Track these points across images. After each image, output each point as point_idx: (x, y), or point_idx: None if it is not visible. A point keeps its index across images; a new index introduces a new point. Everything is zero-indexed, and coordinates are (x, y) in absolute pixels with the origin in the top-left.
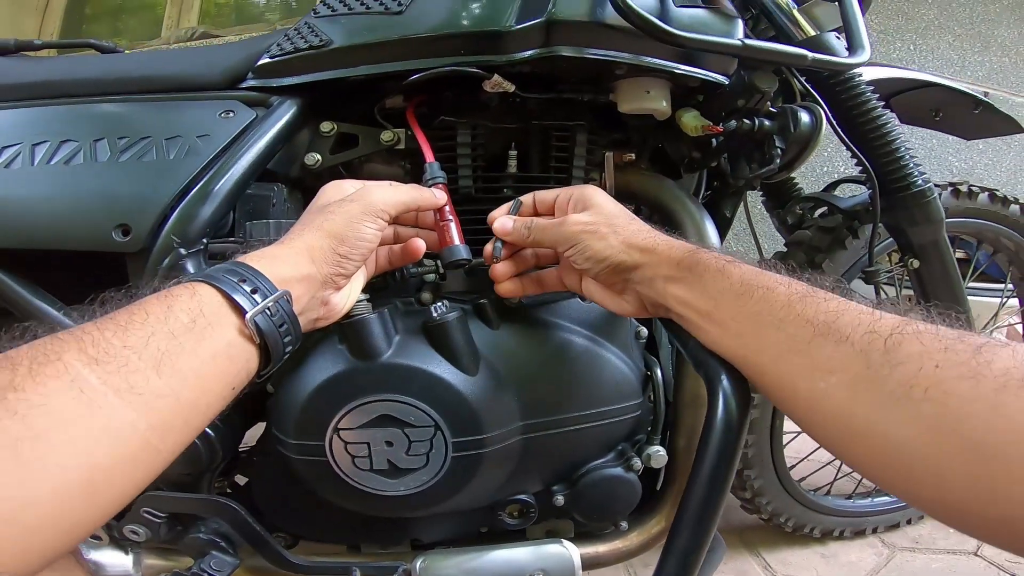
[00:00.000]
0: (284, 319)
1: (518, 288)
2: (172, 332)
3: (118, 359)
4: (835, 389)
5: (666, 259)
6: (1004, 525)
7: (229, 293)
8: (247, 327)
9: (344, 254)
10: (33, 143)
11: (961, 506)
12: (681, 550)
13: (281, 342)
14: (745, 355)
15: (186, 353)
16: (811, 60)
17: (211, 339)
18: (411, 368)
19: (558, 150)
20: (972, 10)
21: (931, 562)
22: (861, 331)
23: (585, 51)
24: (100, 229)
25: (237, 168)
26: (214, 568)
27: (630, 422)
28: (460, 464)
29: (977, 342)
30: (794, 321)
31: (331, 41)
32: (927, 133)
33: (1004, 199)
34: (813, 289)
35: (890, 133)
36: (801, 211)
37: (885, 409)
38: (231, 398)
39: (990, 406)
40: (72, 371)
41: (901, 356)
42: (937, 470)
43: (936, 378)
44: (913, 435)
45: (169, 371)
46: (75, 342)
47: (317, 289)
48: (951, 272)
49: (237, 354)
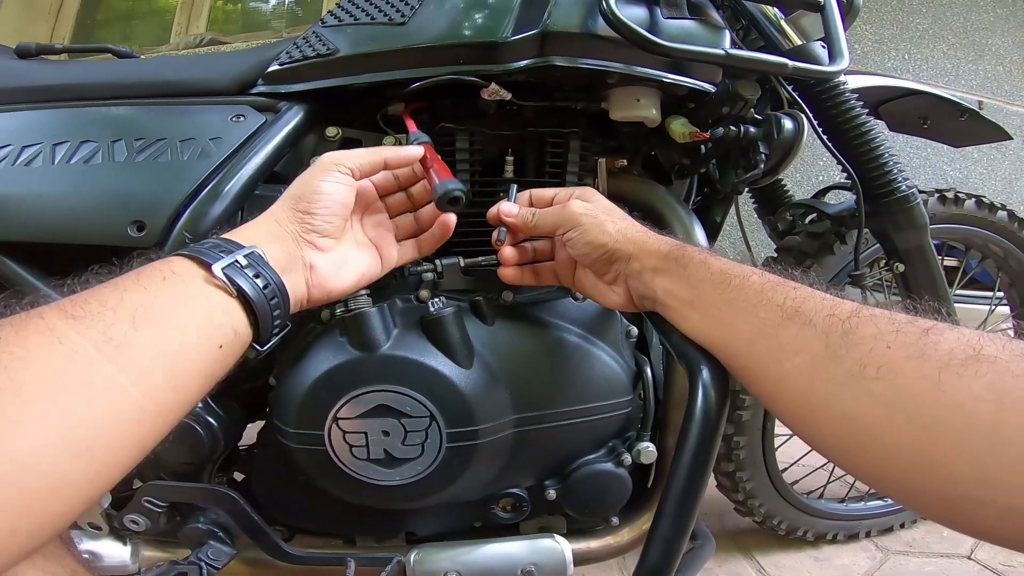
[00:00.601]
0: (260, 272)
1: (518, 276)
2: (145, 287)
3: (95, 315)
4: (799, 369)
5: (655, 252)
6: (946, 501)
7: (196, 255)
8: (215, 279)
9: (304, 209)
10: (54, 143)
11: (908, 482)
12: (664, 537)
13: (264, 298)
14: (724, 340)
15: (160, 304)
16: (792, 68)
17: (184, 293)
18: (408, 360)
19: (553, 156)
20: (966, 19)
21: (924, 566)
22: (823, 314)
23: (578, 61)
24: (116, 225)
25: (247, 170)
26: (211, 558)
27: (620, 419)
28: (454, 454)
29: (926, 325)
30: (766, 306)
31: (337, 50)
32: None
33: (991, 205)
34: (784, 279)
35: (874, 140)
36: (791, 217)
37: (840, 387)
38: (223, 358)
39: (933, 384)
40: (52, 326)
41: (857, 338)
42: (886, 446)
43: (886, 358)
44: (865, 411)
45: (145, 324)
46: (56, 305)
47: (291, 247)
48: (936, 276)
49: (214, 307)
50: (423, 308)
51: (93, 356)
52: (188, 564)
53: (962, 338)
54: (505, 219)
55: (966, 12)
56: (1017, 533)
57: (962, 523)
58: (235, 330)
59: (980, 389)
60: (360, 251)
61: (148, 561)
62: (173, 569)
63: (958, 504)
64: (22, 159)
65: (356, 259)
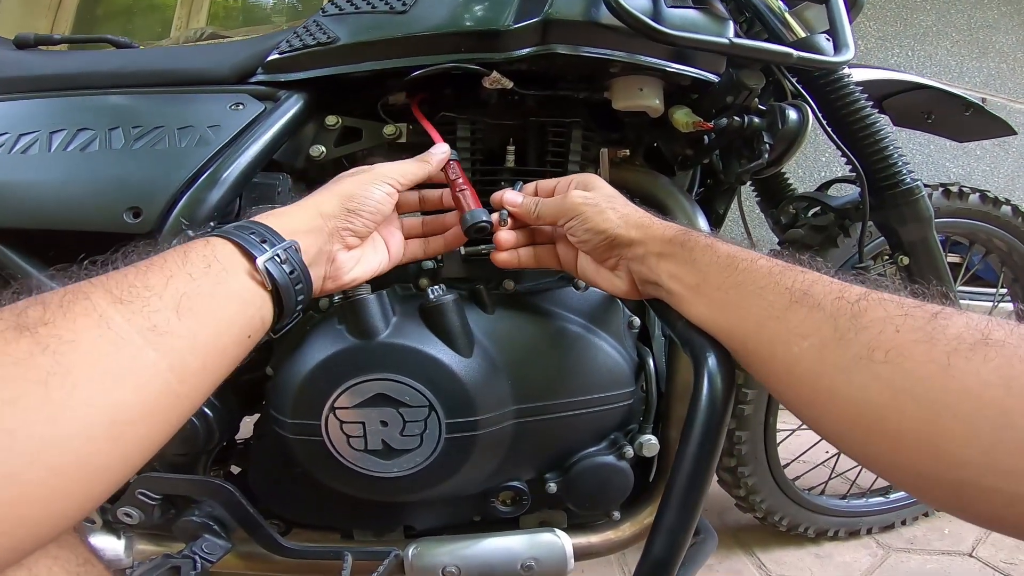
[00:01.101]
0: (294, 267)
1: (514, 259)
2: (190, 275)
3: (140, 299)
4: (807, 353)
5: (659, 237)
6: (953, 489)
7: (240, 243)
8: (258, 273)
9: (352, 209)
10: (51, 131)
11: (915, 469)
12: (669, 528)
13: (292, 290)
14: (730, 324)
15: (203, 295)
16: (796, 58)
17: (226, 283)
18: (407, 348)
19: (554, 145)
20: (970, 16)
21: (925, 563)
22: (832, 297)
23: (580, 49)
24: (112, 211)
25: (245, 157)
26: (205, 551)
27: (622, 411)
28: (453, 446)
29: (934, 309)
30: (774, 289)
31: (338, 38)
32: (924, 138)
33: (995, 200)
34: (792, 264)
35: (879, 132)
36: (794, 210)
37: (849, 372)
38: (247, 347)
39: (942, 368)
40: (99, 310)
41: (866, 321)
42: (893, 431)
43: (895, 342)
44: (873, 396)
45: (188, 312)
46: (101, 284)
47: (324, 242)
48: (941, 269)
49: (251, 299)
50: (423, 296)
51: (137, 342)
52: (182, 558)
53: (971, 323)
54: (508, 206)
55: (970, 9)
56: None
57: (969, 511)
58: (263, 320)
59: (988, 374)
60: (376, 250)
61: (142, 555)
62: (166, 563)
63: (965, 491)
64: (18, 147)
65: (371, 257)
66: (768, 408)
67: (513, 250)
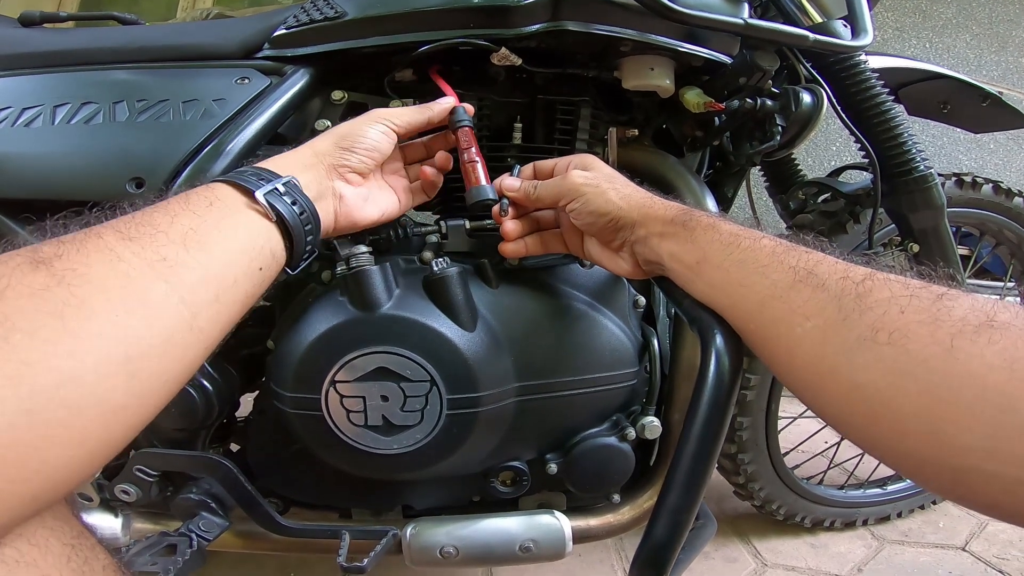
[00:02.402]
0: (296, 199)
1: (522, 248)
2: (194, 212)
3: (148, 236)
4: (810, 333)
5: (661, 217)
6: (954, 474)
7: (238, 182)
8: (259, 203)
9: (346, 147)
10: (55, 104)
11: (916, 454)
12: (672, 508)
13: (298, 220)
14: (732, 303)
15: (208, 227)
16: (812, 41)
17: (230, 216)
18: (410, 320)
19: (562, 123)
20: (992, 10)
21: (919, 556)
22: (836, 277)
23: (591, 26)
24: (115, 181)
25: (250, 130)
26: (202, 529)
27: (625, 391)
28: (454, 423)
29: (940, 290)
30: (777, 268)
31: (345, 13)
32: (938, 129)
33: (1008, 191)
34: (796, 244)
35: (893, 119)
36: (804, 196)
37: (852, 353)
38: (260, 282)
39: (945, 350)
40: (111, 246)
41: (871, 301)
42: (895, 415)
43: (900, 323)
44: (876, 378)
45: (196, 245)
46: (111, 225)
47: (323, 177)
48: (951, 258)
49: (256, 230)
50: (426, 269)
51: (148, 275)
52: (178, 536)
53: (976, 304)
54: (507, 193)
55: (992, 3)
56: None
57: (970, 497)
58: (273, 253)
59: (992, 356)
60: (383, 191)
61: (139, 533)
62: (163, 541)
63: (966, 477)
64: (21, 120)
65: (379, 197)
66: (770, 395)
67: (519, 240)
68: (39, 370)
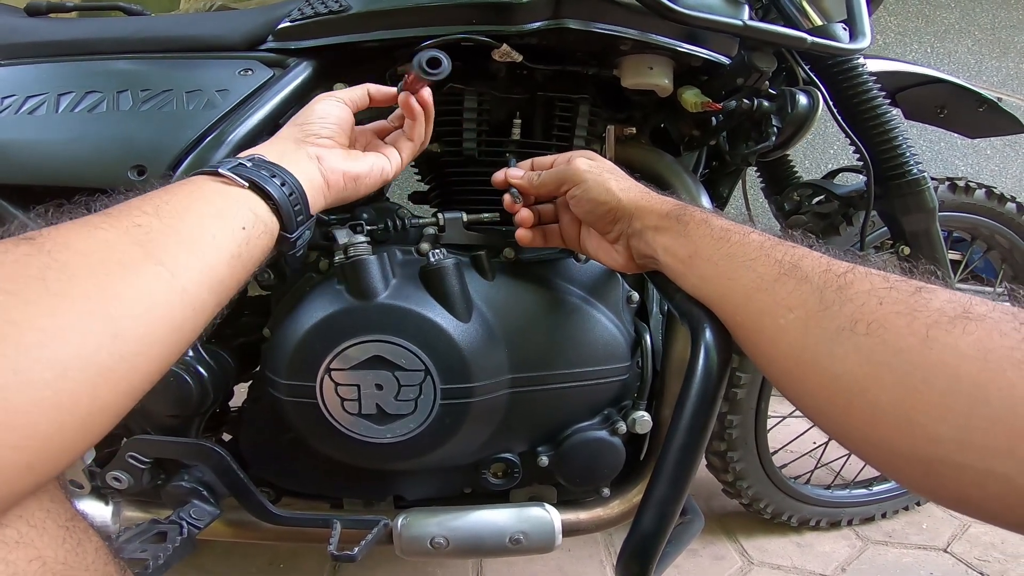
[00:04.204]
0: (265, 167)
1: (536, 237)
2: (166, 191)
3: (124, 211)
4: (792, 324)
5: (657, 211)
6: (925, 466)
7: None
8: (225, 175)
9: (302, 122)
10: (59, 93)
11: (890, 445)
12: (659, 499)
13: (272, 181)
14: (720, 295)
15: (180, 198)
16: (810, 43)
17: (200, 189)
18: (405, 310)
19: (561, 120)
20: (994, 16)
21: (902, 556)
22: (819, 270)
23: (592, 25)
24: (117, 169)
25: (252, 120)
26: (193, 517)
27: (617, 386)
28: (447, 412)
29: (919, 284)
30: (764, 261)
31: (349, 7)
32: (935, 134)
33: (1001, 196)
34: (784, 240)
35: (888, 123)
36: (798, 197)
37: (831, 343)
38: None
39: (921, 340)
40: (90, 221)
41: (851, 293)
42: (871, 405)
43: (878, 314)
44: (853, 368)
45: (168, 213)
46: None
47: (290, 148)
48: (941, 261)
49: (232, 197)
50: (423, 260)
51: (124, 239)
52: (169, 523)
53: (953, 297)
54: (513, 181)
55: (995, 9)
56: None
57: (940, 491)
58: (255, 213)
59: (966, 347)
60: (365, 153)
61: (130, 522)
62: (153, 528)
63: (937, 469)
64: (25, 108)
65: (363, 156)
66: (760, 393)
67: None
68: (24, 329)
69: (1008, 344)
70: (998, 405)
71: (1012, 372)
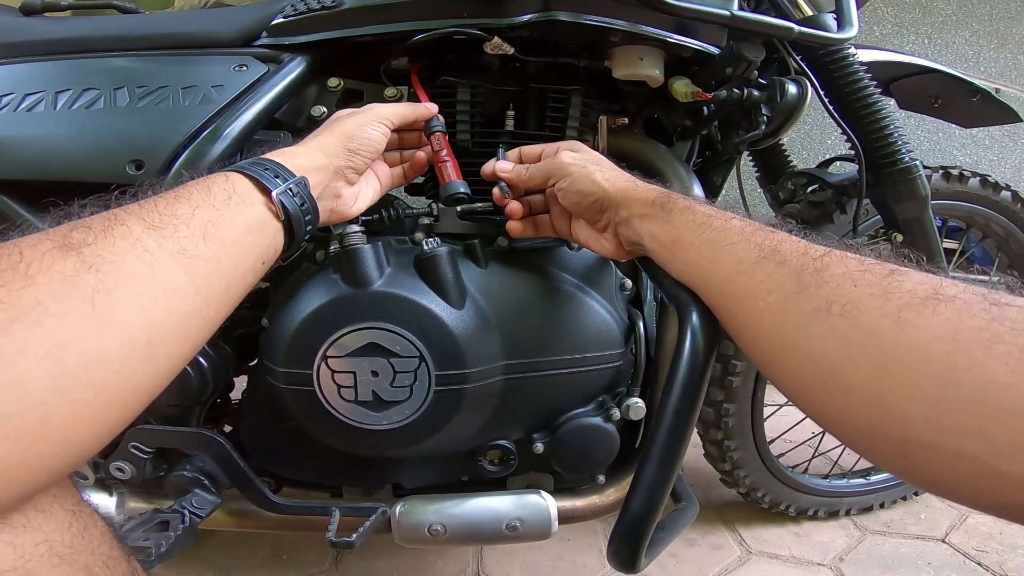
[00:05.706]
0: (304, 200)
1: (527, 228)
2: (213, 205)
3: (171, 226)
4: (771, 307)
5: (642, 199)
6: (898, 446)
7: (256, 177)
8: (273, 204)
9: (353, 149)
10: (56, 91)
11: (865, 426)
12: (649, 481)
13: (303, 220)
14: (703, 280)
15: (225, 223)
16: (798, 33)
17: (245, 213)
18: (400, 297)
19: (554, 111)
20: (992, 6)
21: (900, 547)
22: (797, 253)
23: (582, 17)
24: (115, 163)
25: (247, 115)
26: (195, 506)
27: (611, 372)
28: (442, 398)
29: (892, 266)
30: (744, 245)
31: (342, 2)
32: (933, 125)
33: (995, 184)
34: (765, 226)
35: (880, 111)
36: (792, 186)
37: (808, 325)
38: (260, 273)
39: (893, 322)
40: (136, 234)
41: (827, 276)
42: (846, 385)
43: (852, 295)
44: (828, 349)
45: (213, 238)
46: (135, 211)
47: (330, 179)
48: (934, 248)
49: (266, 228)
50: (417, 249)
51: (170, 266)
52: (171, 512)
53: (925, 279)
54: (501, 175)
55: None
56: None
57: (914, 472)
58: (275, 249)
59: (937, 328)
60: (370, 183)
61: (133, 512)
62: (155, 517)
63: (909, 449)
64: (23, 105)
65: (367, 190)
66: (756, 382)
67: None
68: (70, 352)
69: (977, 324)
70: (967, 385)
71: (981, 352)
